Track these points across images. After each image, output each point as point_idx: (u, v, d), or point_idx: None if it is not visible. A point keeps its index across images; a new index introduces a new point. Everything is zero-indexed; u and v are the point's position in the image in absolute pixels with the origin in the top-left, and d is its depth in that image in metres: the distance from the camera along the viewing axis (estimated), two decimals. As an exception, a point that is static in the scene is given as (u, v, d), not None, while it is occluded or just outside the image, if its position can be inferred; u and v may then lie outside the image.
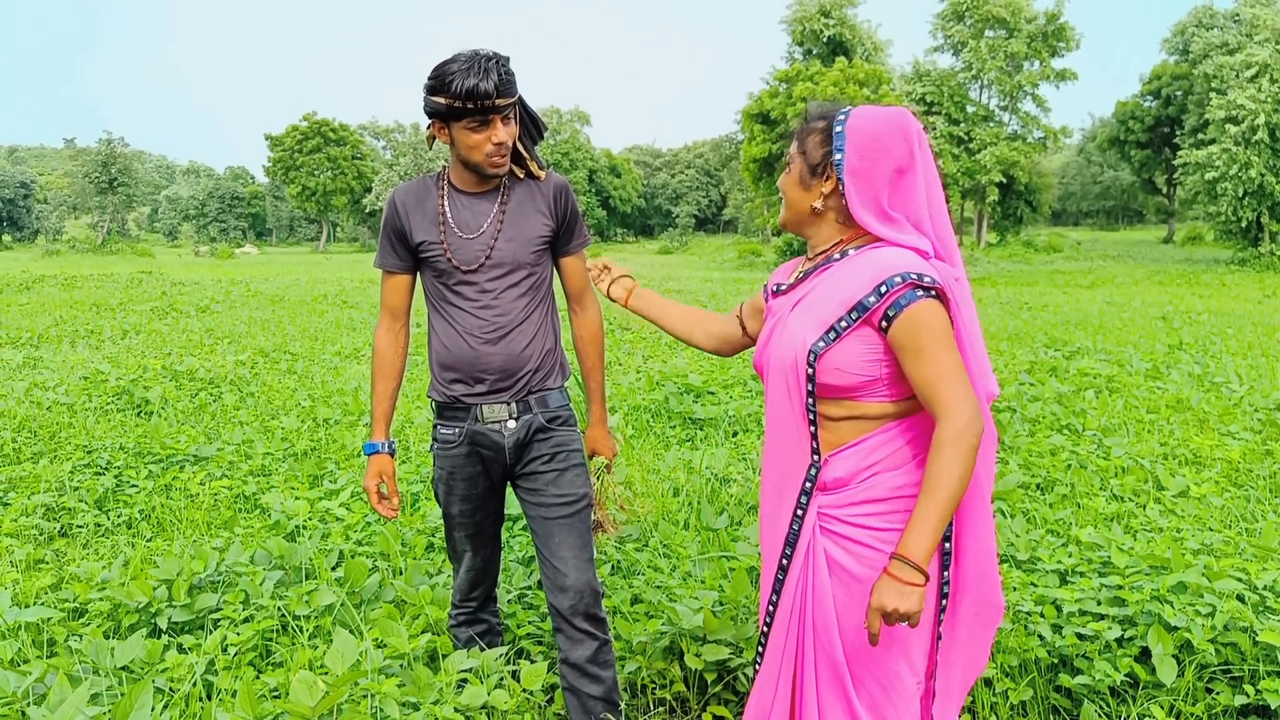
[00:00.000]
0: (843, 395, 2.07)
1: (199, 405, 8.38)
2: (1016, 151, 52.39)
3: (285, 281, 27.44)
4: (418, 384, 9.10)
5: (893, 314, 1.97)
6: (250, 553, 4.34)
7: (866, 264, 2.04)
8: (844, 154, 2.07)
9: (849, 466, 2.10)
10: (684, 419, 7.68)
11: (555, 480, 2.94)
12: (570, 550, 2.92)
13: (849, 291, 2.03)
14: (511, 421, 2.90)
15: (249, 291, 22.59)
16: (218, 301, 19.69)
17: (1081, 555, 4.15)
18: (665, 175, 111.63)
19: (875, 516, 2.08)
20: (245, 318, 16.52)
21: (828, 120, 2.15)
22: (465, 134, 2.69)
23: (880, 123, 2.08)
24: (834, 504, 2.12)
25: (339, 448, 6.83)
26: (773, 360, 2.18)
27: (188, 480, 5.89)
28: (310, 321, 15.98)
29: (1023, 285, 27.14)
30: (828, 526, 2.13)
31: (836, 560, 2.12)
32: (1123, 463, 5.99)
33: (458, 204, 2.86)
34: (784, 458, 2.19)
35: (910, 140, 2.07)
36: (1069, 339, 12.41)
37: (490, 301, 2.84)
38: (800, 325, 2.10)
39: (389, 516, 3.06)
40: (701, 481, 5.64)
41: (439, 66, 2.64)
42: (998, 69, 53.30)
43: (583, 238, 3.05)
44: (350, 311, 17.95)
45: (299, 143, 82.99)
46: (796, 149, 2.21)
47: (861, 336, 2.02)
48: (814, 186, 2.16)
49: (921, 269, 1.99)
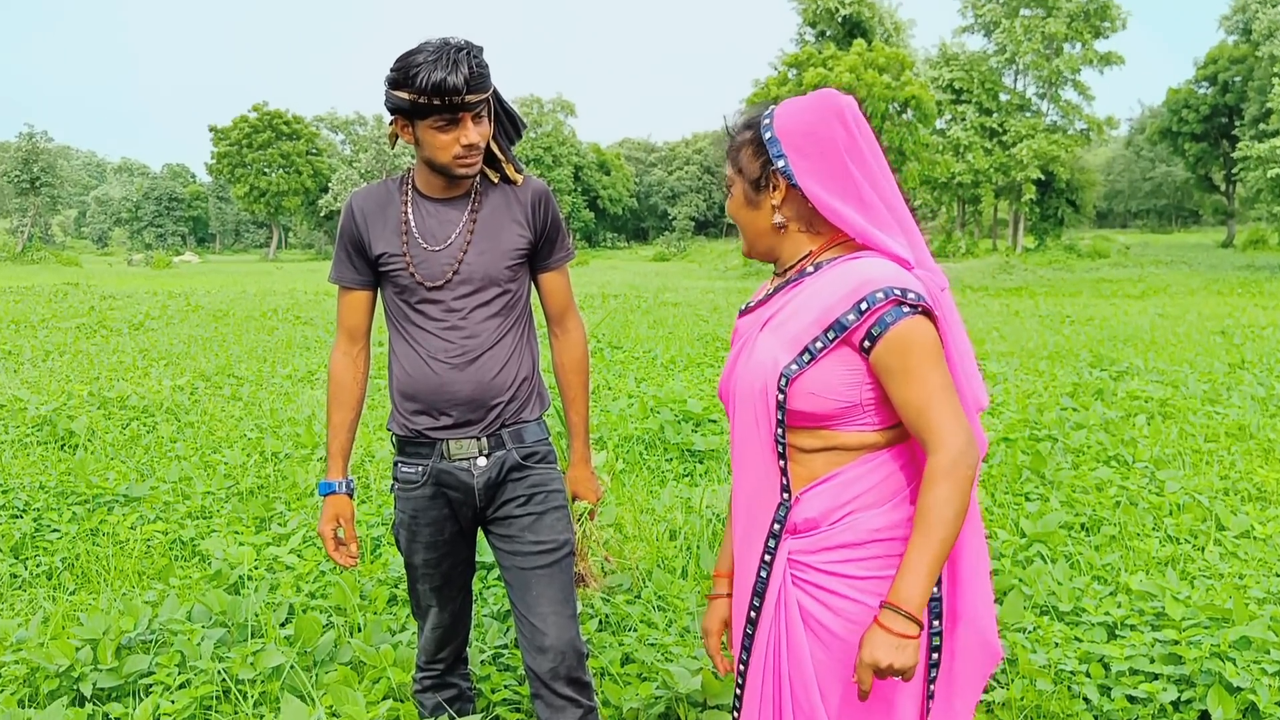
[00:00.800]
0: (818, 424, 2.06)
1: (130, 437, 8.35)
2: (1056, 145, 52.69)
3: (230, 294, 27.41)
4: (379, 412, 9.08)
5: (876, 333, 1.96)
6: (187, 607, 4.32)
7: (843, 277, 2.04)
8: (785, 158, 2.08)
9: (821, 505, 2.08)
10: (682, 451, 7.67)
11: (532, 525, 2.92)
12: (550, 605, 2.90)
13: (824, 308, 2.02)
14: (482, 458, 2.89)
15: (189, 306, 22.54)
16: (153, 318, 19.66)
17: (1132, 606, 4.14)
18: (661, 172, 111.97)
19: (852, 564, 2.06)
20: (184, 336, 16.49)
21: (754, 128, 2.16)
22: (431, 133, 2.68)
23: (809, 113, 2.08)
24: (805, 549, 2.10)
25: (290, 486, 6.81)
26: (739, 387, 2.16)
27: (117, 524, 5.86)
28: (258, 340, 15.96)
29: (1064, 296, 27.21)
30: (799, 575, 2.11)
31: (811, 614, 2.09)
32: (1178, 499, 5.99)
33: (423, 211, 2.85)
34: (751, 497, 2.18)
35: (845, 119, 2.07)
36: (1116, 357, 12.44)
37: (458, 322, 2.83)
38: (769, 347, 2.09)
39: (347, 565, 3.04)
40: (702, 523, 5.63)
41: (403, 57, 2.63)
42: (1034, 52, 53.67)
43: (565, 251, 3.04)
44: (304, 329, 17.94)
45: (247, 136, 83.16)
46: (732, 170, 2.21)
47: (840, 358, 2.02)
48: (763, 202, 2.16)
49: (905, 283, 1.99)
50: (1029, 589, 4.58)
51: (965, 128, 54.79)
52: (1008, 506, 6.04)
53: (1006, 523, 5.68)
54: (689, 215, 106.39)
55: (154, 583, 5.08)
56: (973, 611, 2.11)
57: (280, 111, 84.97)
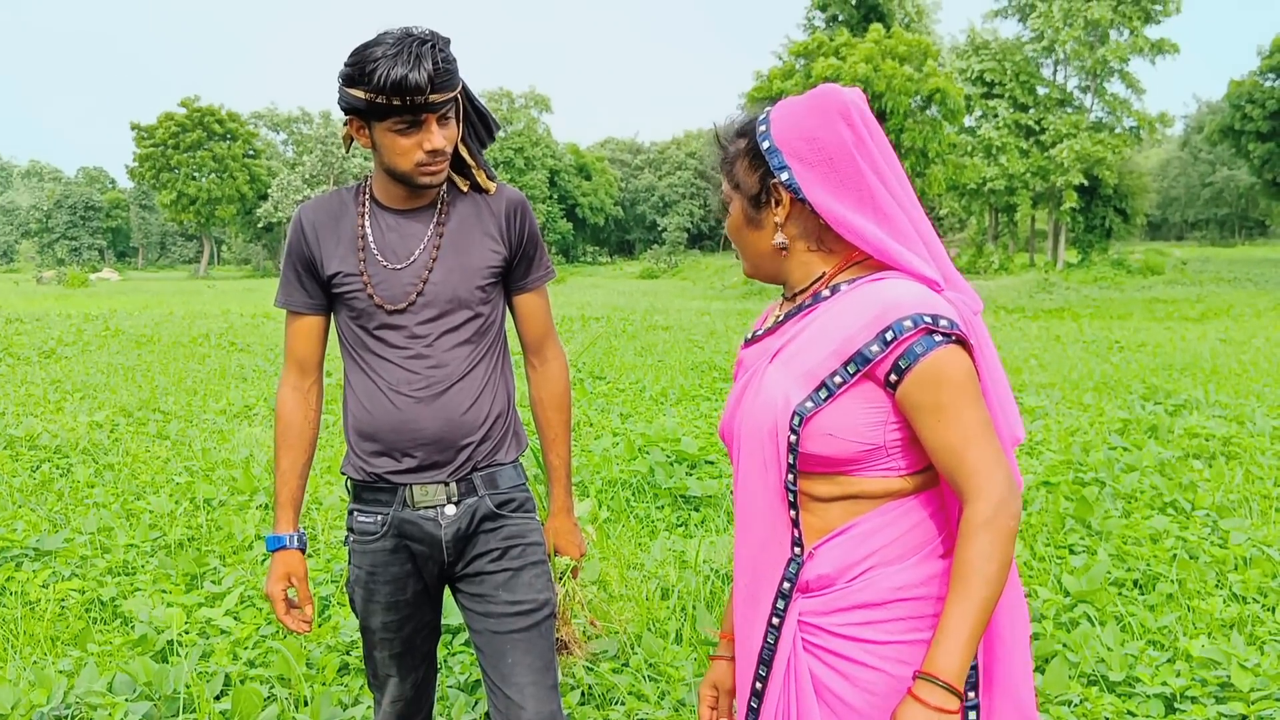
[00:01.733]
0: (835, 469, 2.06)
1: (41, 481, 8.34)
2: (1102, 145, 52.97)
3: (155, 316, 27.37)
4: (328, 452, 9.08)
5: (904, 366, 1.95)
6: (108, 677, 4.31)
7: (864, 301, 2.03)
8: (789, 169, 2.08)
9: (837, 560, 2.07)
10: (675, 496, 7.68)
11: (508, 583, 2.91)
12: (528, 674, 2.89)
13: (844, 338, 2.01)
14: (451, 506, 2.88)
15: (108, 330, 22.51)
16: (66, 344, 19.62)
17: (1192, 675, 4.16)
18: (649, 176, 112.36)
19: (871, 626, 2.05)
20: (103, 365, 16.45)
21: (748, 136, 2.17)
22: (391, 137, 2.69)
23: (810, 116, 2.08)
24: (818, 610, 2.09)
25: (225, 537, 6.80)
26: (744, 426, 2.15)
27: (26, 581, 5.85)
28: (187, 370, 15.94)
29: (1112, 318, 27.31)
30: (812, 640, 2.10)
31: (824, 683, 2.08)
32: (1244, 552, 6.02)
33: (382, 224, 2.86)
34: (756, 551, 2.16)
35: (851, 119, 2.06)
36: (1173, 389, 12.50)
37: (422, 350, 2.83)
38: (780, 381, 2.08)
39: (300, 631, 3.01)
40: (698, 580, 5.63)
41: (359, 50, 2.64)
42: (1076, 39, 54.00)
43: (544, 269, 3.05)
44: (240, 356, 17.93)
45: (175, 136, 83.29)
46: (728, 185, 2.22)
47: (861, 395, 2.00)
48: (765, 220, 2.17)
49: (936, 308, 1.97)
50: (1074, 655, 4.59)
51: (997, 125, 55.07)
52: (1049, 560, 6.06)
53: (1048, 579, 5.70)
54: (681, 226, 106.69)
55: (69, 649, 5.05)
56: (1010, 681, 2.10)
57: (213, 108, 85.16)
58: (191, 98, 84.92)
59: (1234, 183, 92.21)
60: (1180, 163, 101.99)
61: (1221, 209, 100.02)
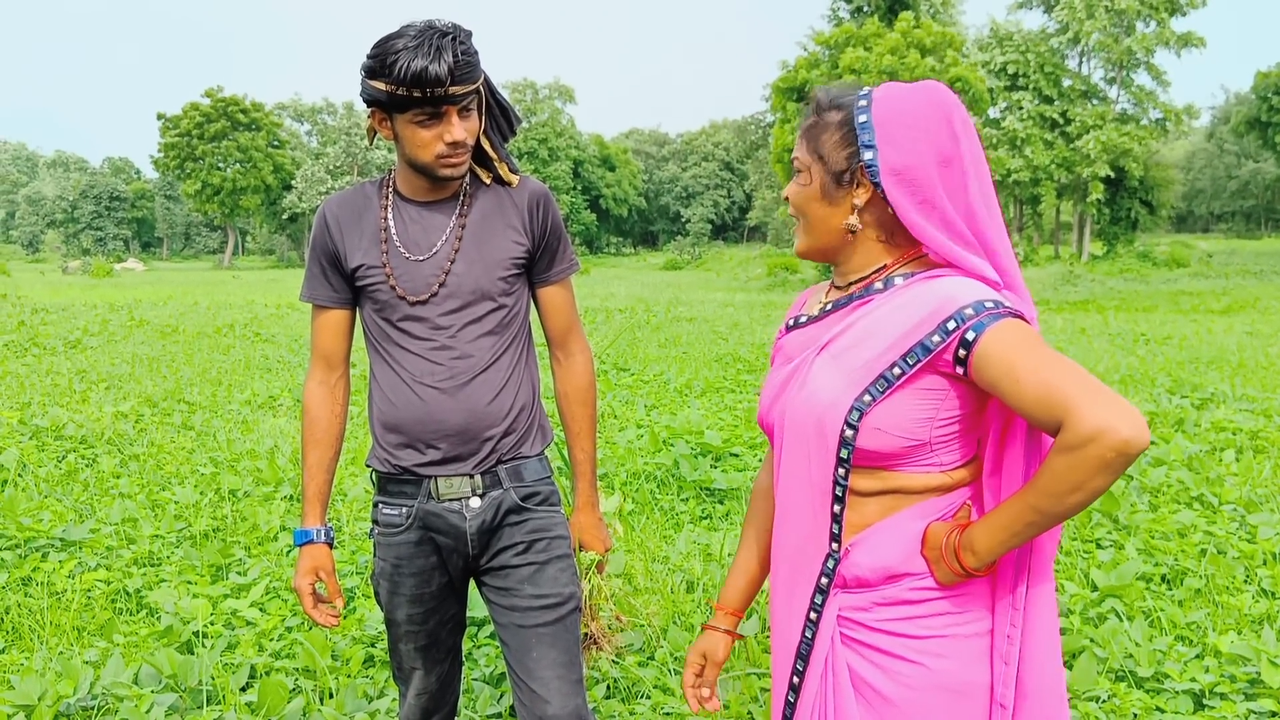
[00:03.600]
0: (878, 464, 2.04)
1: (67, 472, 8.37)
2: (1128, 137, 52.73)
3: (180, 307, 27.50)
4: (352, 444, 9.10)
5: (971, 340, 1.91)
6: (134, 668, 4.32)
7: (923, 296, 2.00)
8: (876, 150, 2.03)
9: (875, 555, 2.06)
10: (699, 489, 7.68)
11: (533, 576, 2.91)
12: (553, 668, 2.89)
13: (903, 331, 1.98)
14: (475, 499, 2.87)
15: (132, 320, 22.62)
16: (92, 334, 19.71)
17: (1222, 671, 4.13)
18: (674, 167, 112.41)
19: (910, 622, 2.04)
20: (127, 355, 16.53)
21: (845, 110, 2.11)
22: (412, 129, 2.69)
23: (914, 102, 2.05)
24: (857, 605, 2.08)
25: (250, 528, 6.82)
26: (790, 418, 2.13)
27: (52, 571, 5.87)
28: (212, 360, 16.00)
29: (1138, 311, 27.19)
30: (850, 634, 2.09)
31: (863, 677, 2.08)
32: (1273, 547, 5.98)
33: (405, 216, 2.86)
34: (796, 545, 2.15)
35: (951, 120, 2.03)
36: (1200, 382, 12.42)
37: (446, 341, 2.82)
38: (831, 375, 2.06)
39: (329, 625, 3.02)
40: (722, 573, 5.61)
41: (381, 42, 2.64)
42: (1101, 31, 53.72)
43: (568, 262, 3.04)
44: (264, 347, 17.99)
45: (199, 126, 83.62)
46: (809, 152, 2.16)
47: (918, 389, 1.99)
48: (842, 200, 2.12)
49: (996, 298, 1.95)
50: (1103, 651, 4.57)
51: (1022, 117, 54.88)
52: (1076, 555, 6.03)
53: (1075, 574, 5.67)
54: (705, 217, 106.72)
55: (95, 639, 5.08)
56: (1040, 680, 2.08)
57: (237, 98, 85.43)
58: (216, 88, 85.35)
59: (1260, 175, 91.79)
60: (1206, 154, 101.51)
61: (1248, 201, 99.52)
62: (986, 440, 2.06)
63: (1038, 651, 2.08)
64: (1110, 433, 1.75)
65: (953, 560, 1.96)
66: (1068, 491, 1.82)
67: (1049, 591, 2.08)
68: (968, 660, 2.03)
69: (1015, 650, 2.06)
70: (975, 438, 2.05)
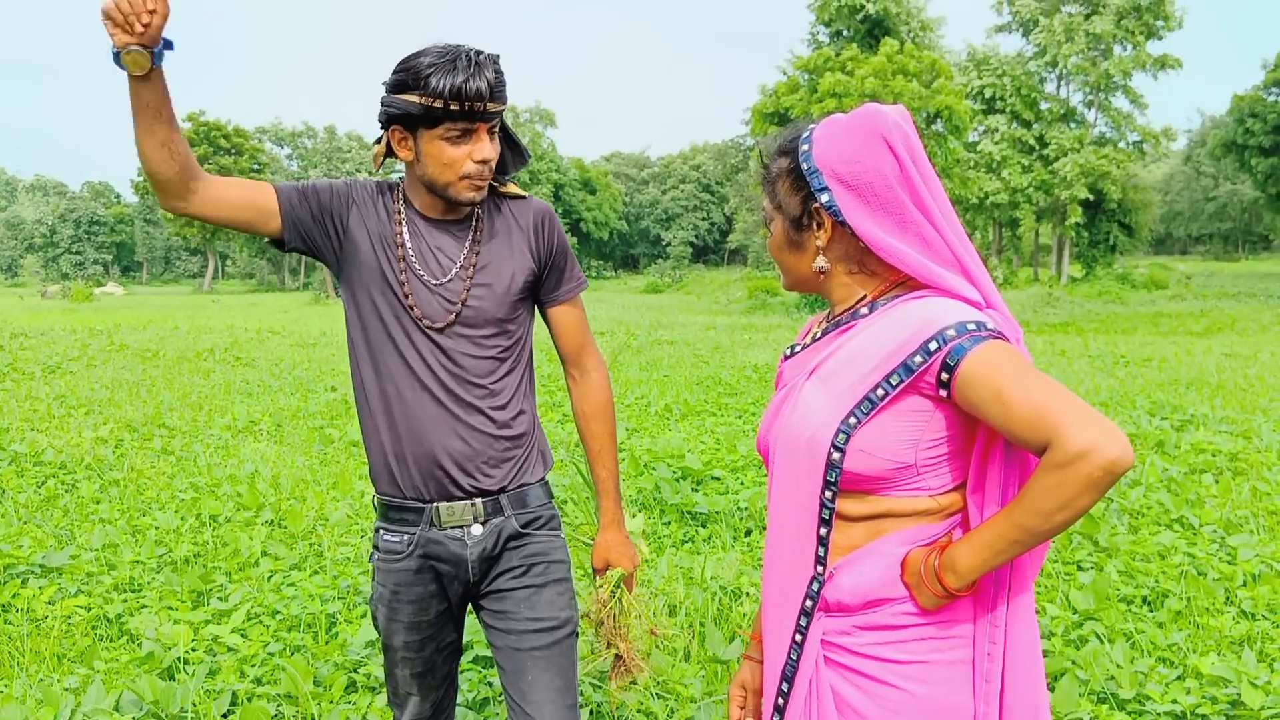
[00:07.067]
0: (865, 487, 2.05)
1: (47, 497, 8.34)
2: (1105, 160, 53.03)
3: (160, 331, 27.40)
4: (331, 468, 9.08)
5: (953, 363, 1.91)
6: (115, 695, 4.30)
7: (906, 318, 2.02)
8: (829, 191, 2.07)
9: (858, 580, 2.07)
10: (681, 513, 7.68)
11: (529, 600, 2.90)
12: (547, 693, 2.88)
13: (886, 352, 2.00)
14: (477, 526, 2.86)
15: (112, 345, 22.53)
16: (71, 359, 19.63)
17: (1203, 692, 4.14)
18: (654, 190, 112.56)
19: (893, 646, 2.05)
20: (107, 380, 16.46)
21: (789, 155, 2.15)
22: (440, 146, 2.67)
23: (852, 138, 2.06)
24: (840, 629, 2.09)
25: (230, 553, 6.79)
26: (782, 442, 2.14)
27: (32, 598, 5.84)
28: (192, 385, 15.95)
29: (1117, 332, 27.31)
30: (834, 658, 2.10)
31: (846, 700, 2.09)
32: (1253, 568, 6.00)
33: (420, 232, 2.83)
34: (784, 567, 2.16)
35: (893, 142, 2.04)
36: (1178, 404, 12.47)
37: (454, 368, 2.81)
38: (819, 397, 2.08)
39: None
40: (705, 597, 5.62)
41: (409, 59, 2.64)
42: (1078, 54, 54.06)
43: (575, 279, 3.02)
44: (244, 371, 17.94)
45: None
46: (769, 204, 2.21)
47: (902, 410, 2.00)
48: (806, 242, 2.16)
49: (980, 318, 1.96)
50: (1084, 673, 4.58)
51: (996, 140, 55.12)
52: (1057, 577, 6.05)
53: (1056, 596, 5.69)
54: (685, 240, 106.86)
55: (76, 666, 5.05)
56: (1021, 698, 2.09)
57: (219, 122, 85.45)
58: (197, 112, 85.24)
59: (1237, 197, 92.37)
60: (1184, 177, 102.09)
61: (1225, 223, 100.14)
62: (970, 456, 2.07)
63: (1020, 668, 2.09)
64: (1098, 452, 1.77)
65: (934, 583, 1.97)
66: (1055, 510, 1.83)
67: (1028, 602, 2.09)
68: (951, 685, 2.04)
69: (997, 668, 2.06)
70: (963, 461, 2.05)
